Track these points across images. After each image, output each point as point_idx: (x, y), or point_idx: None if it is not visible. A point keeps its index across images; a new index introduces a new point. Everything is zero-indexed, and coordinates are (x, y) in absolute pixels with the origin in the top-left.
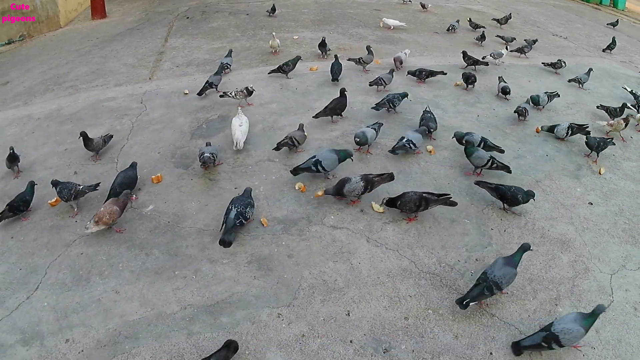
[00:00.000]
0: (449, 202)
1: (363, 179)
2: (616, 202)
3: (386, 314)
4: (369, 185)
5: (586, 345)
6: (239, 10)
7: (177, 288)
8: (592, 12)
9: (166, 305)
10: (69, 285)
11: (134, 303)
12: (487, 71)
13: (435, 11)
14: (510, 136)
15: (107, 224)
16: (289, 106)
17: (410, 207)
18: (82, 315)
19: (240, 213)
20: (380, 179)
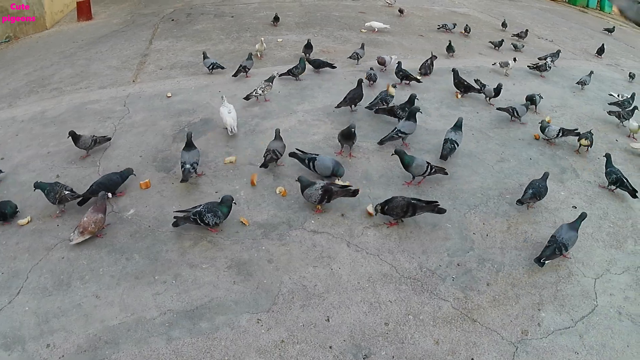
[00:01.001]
0: (437, 209)
1: (323, 188)
2: (601, 205)
3: (366, 319)
4: (326, 195)
5: (569, 351)
6: (224, 13)
7: (157, 293)
8: (578, 15)
9: (146, 311)
10: (50, 289)
11: (114, 308)
12: (471, 75)
13: (420, 14)
14: (493, 139)
15: (92, 233)
16: (272, 109)
17: (397, 212)
18: (63, 320)
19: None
20: (342, 192)
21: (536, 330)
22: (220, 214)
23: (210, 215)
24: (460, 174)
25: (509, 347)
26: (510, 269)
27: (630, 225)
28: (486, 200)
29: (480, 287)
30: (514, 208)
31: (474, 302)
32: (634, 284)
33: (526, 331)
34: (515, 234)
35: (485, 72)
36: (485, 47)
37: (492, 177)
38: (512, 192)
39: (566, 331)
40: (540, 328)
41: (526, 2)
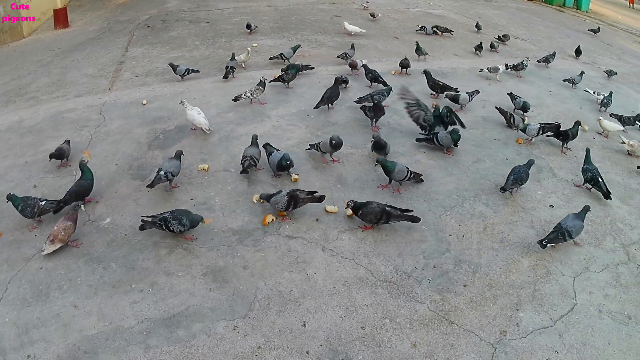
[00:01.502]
0: (411, 218)
1: (289, 194)
2: (578, 203)
3: (342, 323)
4: (292, 202)
5: (549, 350)
6: (199, 19)
7: (134, 302)
8: (554, 14)
9: (124, 319)
10: (30, 300)
11: (92, 317)
12: (446, 76)
13: (395, 16)
14: (469, 140)
15: (63, 241)
16: (246, 115)
17: (370, 218)
18: (42, 331)
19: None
20: (308, 198)
21: (515, 331)
22: (185, 222)
23: (175, 222)
24: (435, 175)
25: (488, 348)
26: (487, 270)
27: (608, 222)
28: (462, 201)
29: (457, 288)
30: (491, 209)
31: (451, 303)
32: (613, 281)
33: (505, 332)
34: (491, 235)
35: (460, 73)
36: (461, 49)
37: (467, 178)
38: (488, 192)
39: (545, 330)
40: (519, 328)
41: (502, 2)
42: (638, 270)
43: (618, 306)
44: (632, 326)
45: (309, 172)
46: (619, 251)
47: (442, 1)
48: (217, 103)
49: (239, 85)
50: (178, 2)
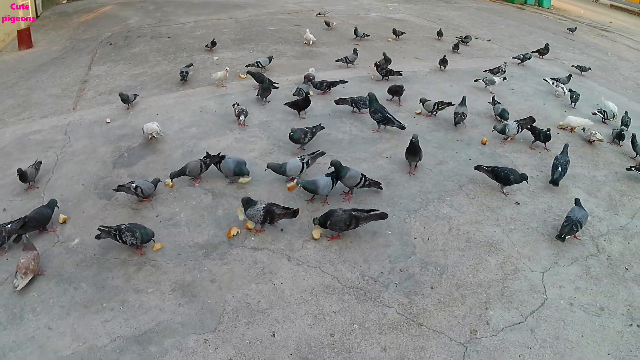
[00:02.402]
0: (379, 215)
1: (265, 209)
2: (544, 199)
3: (311, 332)
4: (268, 216)
5: (522, 347)
6: (160, 34)
7: (105, 320)
8: (516, 12)
9: (97, 339)
10: (5, 324)
11: (66, 338)
12: (408, 80)
13: (355, 22)
14: (431, 143)
15: (34, 271)
16: (209, 129)
17: (340, 226)
18: (19, 354)
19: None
20: (284, 214)
21: (485, 329)
22: (137, 235)
23: (128, 234)
24: (399, 179)
25: (459, 348)
26: (454, 271)
27: None
28: (426, 204)
29: (424, 290)
30: (455, 210)
31: (419, 306)
32: (583, 274)
33: (475, 330)
34: (457, 235)
35: (421, 76)
36: (422, 52)
37: (431, 180)
38: (452, 194)
39: (516, 327)
40: (489, 326)
41: (462, 3)
42: (608, 262)
43: (590, 298)
44: (606, 317)
45: (272, 184)
46: (588, 244)
47: (402, 5)
48: (179, 118)
49: (201, 100)
50: (140, 18)
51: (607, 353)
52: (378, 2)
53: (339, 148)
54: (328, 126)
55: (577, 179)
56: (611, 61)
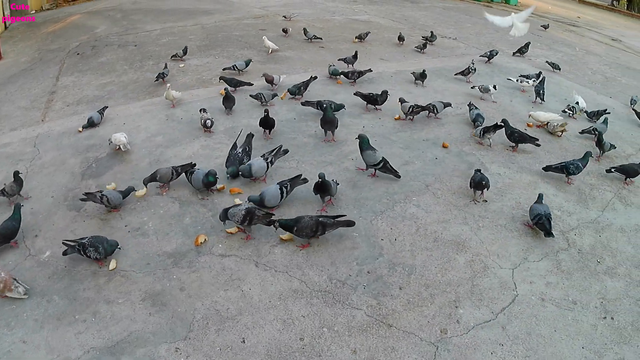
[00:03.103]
0: (347, 223)
1: (247, 210)
2: (512, 196)
3: (281, 336)
4: (248, 217)
5: (493, 344)
6: (127, 42)
7: (79, 332)
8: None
9: (70, 351)
10: None
11: (40, 351)
12: (374, 81)
13: (320, 25)
14: (397, 143)
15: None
16: (175, 137)
17: (307, 232)
18: None
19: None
20: (263, 217)
21: (456, 328)
22: (101, 250)
23: (92, 249)
24: (365, 181)
25: (429, 348)
26: (422, 270)
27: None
28: (392, 205)
29: (392, 291)
30: (422, 209)
31: (388, 307)
32: (554, 268)
33: (445, 330)
34: (424, 235)
35: (387, 77)
36: (387, 53)
37: (396, 181)
38: (418, 193)
39: (487, 324)
40: (459, 325)
41: (429, 2)
42: (579, 255)
43: (561, 293)
44: (579, 311)
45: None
46: (559, 238)
47: (367, 7)
48: (146, 127)
49: (167, 108)
50: (107, 26)
51: (582, 347)
52: (344, 4)
53: (304, 152)
54: (293, 130)
55: (546, 174)
56: (579, 56)
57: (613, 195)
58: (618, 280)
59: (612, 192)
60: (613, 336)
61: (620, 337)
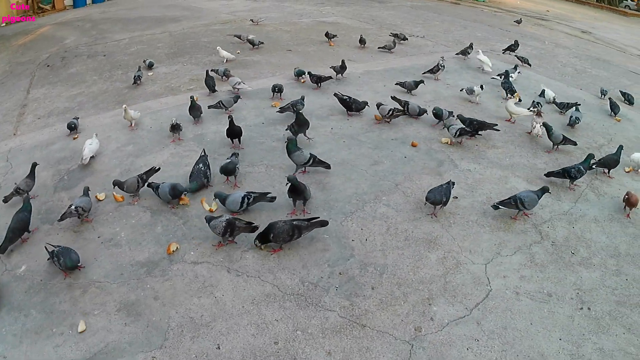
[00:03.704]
0: (320, 223)
1: (227, 221)
2: (483, 191)
3: (255, 341)
4: (229, 229)
5: (469, 339)
6: (96, 53)
7: (57, 345)
8: (451, 7)
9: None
10: None
11: None
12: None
13: (288, 29)
14: (365, 144)
15: None
16: (145, 146)
17: (284, 238)
18: None
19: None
20: (244, 227)
21: (430, 325)
22: (62, 262)
23: (55, 259)
24: (334, 183)
25: (404, 346)
26: (394, 270)
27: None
28: (362, 205)
29: (365, 292)
30: (392, 209)
31: (360, 307)
32: (528, 262)
33: (419, 327)
34: (395, 234)
35: (354, 77)
36: (354, 54)
37: (366, 181)
38: (388, 193)
39: (462, 320)
40: (433, 322)
41: (396, 2)
42: (553, 248)
43: (536, 286)
44: (554, 303)
45: (208, 195)
46: (531, 232)
47: (334, 8)
48: (116, 137)
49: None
50: (76, 37)
51: (559, 338)
52: (311, 6)
53: (273, 156)
54: (262, 135)
55: (516, 168)
56: (549, 49)
57: (585, 186)
58: (593, 270)
59: (585, 183)
60: (591, 326)
61: (598, 327)
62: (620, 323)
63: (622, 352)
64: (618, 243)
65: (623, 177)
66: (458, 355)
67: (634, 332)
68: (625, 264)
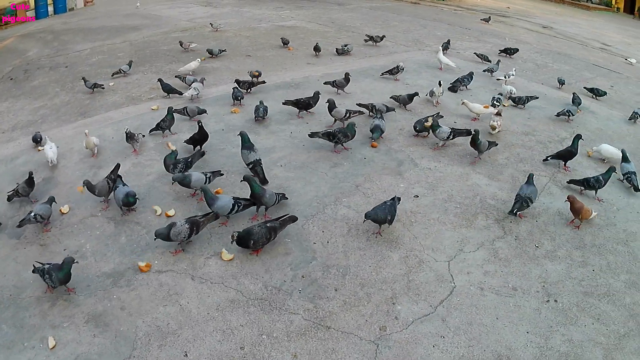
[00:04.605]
0: (290, 219)
1: (188, 222)
2: (444, 189)
3: (222, 347)
4: (194, 228)
5: (435, 337)
6: (58, 64)
7: (29, 359)
8: (410, 7)
9: None
10: None
11: None
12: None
13: (247, 34)
14: (325, 147)
15: None
16: (107, 157)
17: (263, 241)
18: None
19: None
20: (206, 219)
21: (394, 324)
22: (54, 279)
23: (47, 276)
24: (294, 187)
25: (370, 346)
26: (356, 270)
27: (478, 201)
28: (323, 207)
29: (328, 294)
30: (353, 210)
31: (324, 309)
32: (491, 257)
33: (384, 327)
34: (356, 235)
35: (313, 81)
36: (313, 57)
37: (326, 184)
38: (348, 194)
39: (427, 318)
40: (398, 321)
41: (356, 4)
42: (517, 242)
43: (500, 280)
44: (520, 297)
45: (172, 204)
46: (494, 227)
47: (293, 12)
48: (79, 149)
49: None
50: (39, 49)
51: (526, 332)
52: (270, 11)
53: (233, 162)
54: (222, 141)
55: (478, 165)
56: (509, 45)
57: (548, 179)
58: (559, 262)
59: (547, 176)
60: (558, 318)
61: (566, 319)
62: (589, 314)
63: (592, 343)
64: (583, 234)
65: (586, 170)
66: (424, 353)
67: (603, 321)
68: (591, 255)
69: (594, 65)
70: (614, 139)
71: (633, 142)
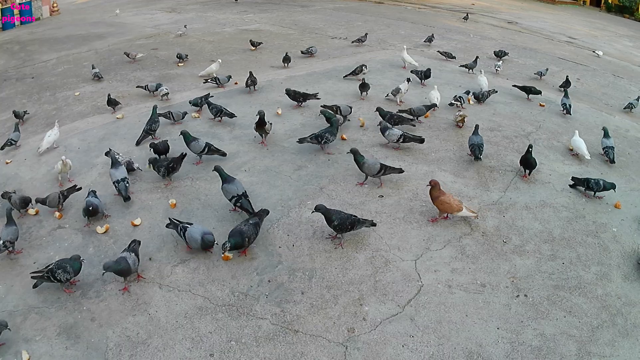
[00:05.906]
0: (264, 212)
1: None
2: (409, 188)
3: (191, 355)
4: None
5: (404, 336)
6: (25, 75)
7: None
8: (374, 7)
9: None
10: None
11: None
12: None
13: (211, 39)
14: (288, 150)
15: None
16: (74, 167)
17: (251, 240)
18: None
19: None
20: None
21: (363, 325)
22: (70, 270)
23: (60, 271)
24: (258, 191)
25: (338, 348)
26: (322, 273)
27: None
28: (287, 211)
29: (295, 297)
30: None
31: (292, 313)
32: (458, 254)
33: (352, 329)
34: (322, 238)
35: (277, 84)
36: (277, 60)
37: (290, 187)
38: (313, 197)
39: (395, 318)
40: (366, 322)
41: (319, 5)
42: (484, 238)
43: (469, 277)
44: (489, 293)
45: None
46: (460, 224)
47: (257, 15)
48: (45, 160)
49: (65, 138)
50: (5, 60)
51: (497, 327)
52: (234, 15)
53: (198, 169)
54: (186, 148)
55: (443, 163)
56: (474, 42)
57: (514, 174)
58: (528, 257)
59: (514, 171)
60: (529, 313)
61: (536, 313)
62: (560, 307)
63: (565, 335)
64: (552, 228)
65: (554, 163)
66: (394, 353)
67: (575, 314)
68: (561, 248)
69: (560, 58)
70: (581, 131)
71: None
